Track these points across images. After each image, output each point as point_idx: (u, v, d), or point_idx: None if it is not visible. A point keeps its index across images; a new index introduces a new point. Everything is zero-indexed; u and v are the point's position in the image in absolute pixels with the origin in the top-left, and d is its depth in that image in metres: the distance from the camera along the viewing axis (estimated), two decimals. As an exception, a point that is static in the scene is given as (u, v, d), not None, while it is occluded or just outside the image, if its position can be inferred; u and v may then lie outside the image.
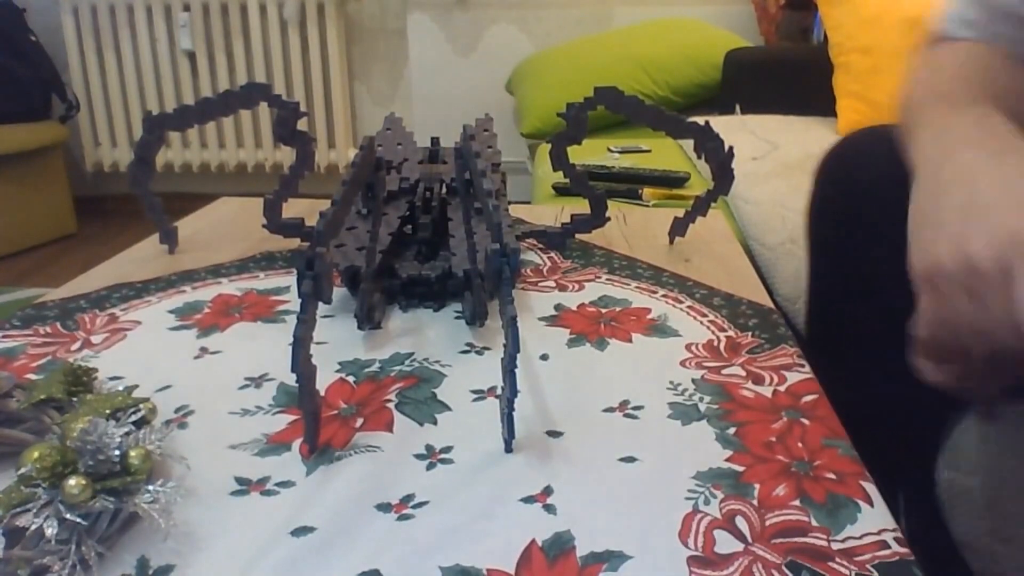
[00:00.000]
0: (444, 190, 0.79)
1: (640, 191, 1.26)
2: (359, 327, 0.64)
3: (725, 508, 0.42)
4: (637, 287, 0.72)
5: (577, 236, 0.85)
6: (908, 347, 0.47)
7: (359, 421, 0.51)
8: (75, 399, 0.47)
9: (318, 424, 0.48)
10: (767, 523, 0.41)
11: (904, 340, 0.48)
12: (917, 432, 0.61)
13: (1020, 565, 0.45)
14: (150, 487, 0.40)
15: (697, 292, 0.71)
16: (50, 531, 0.37)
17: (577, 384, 0.55)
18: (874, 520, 0.41)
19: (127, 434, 0.42)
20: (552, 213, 0.95)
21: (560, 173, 0.78)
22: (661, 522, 0.41)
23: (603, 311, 0.67)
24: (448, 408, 0.52)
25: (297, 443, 0.48)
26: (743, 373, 0.57)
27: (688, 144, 0.75)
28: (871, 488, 0.44)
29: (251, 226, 0.88)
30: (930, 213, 0.40)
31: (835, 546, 0.39)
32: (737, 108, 1.87)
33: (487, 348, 0.61)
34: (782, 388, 0.55)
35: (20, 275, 2.43)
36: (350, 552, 0.39)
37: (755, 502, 0.43)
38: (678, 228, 0.84)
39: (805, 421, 0.50)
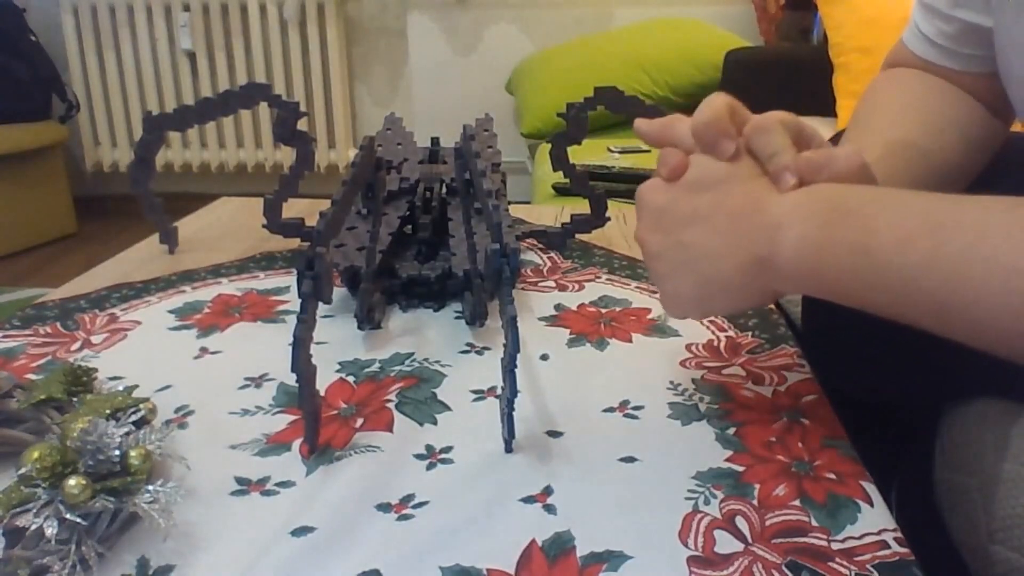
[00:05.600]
0: (444, 190, 0.79)
1: (640, 191, 1.25)
2: (359, 327, 0.64)
3: (725, 508, 0.42)
4: (637, 287, 0.72)
5: (577, 236, 0.85)
6: (904, 344, 0.48)
7: (359, 421, 0.51)
8: (75, 399, 0.47)
9: (318, 424, 0.48)
10: (767, 523, 0.41)
11: (899, 338, 0.48)
12: (913, 431, 0.61)
13: (1018, 566, 0.45)
14: (150, 487, 0.40)
15: (697, 292, 0.71)
16: (50, 531, 0.37)
17: (577, 384, 0.55)
18: (874, 520, 0.41)
19: (127, 434, 0.42)
20: (552, 213, 0.95)
21: (560, 173, 0.78)
22: (661, 522, 0.41)
23: (603, 311, 0.67)
24: (448, 408, 0.52)
25: (297, 443, 0.48)
26: (743, 373, 0.57)
27: (688, 144, 0.75)
28: (871, 488, 0.44)
29: (251, 226, 0.88)
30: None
31: (835, 546, 0.39)
32: (737, 108, 1.87)
33: (487, 348, 0.61)
34: (782, 388, 0.55)
35: (20, 275, 2.43)
36: (350, 552, 0.39)
37: (755, 502, 0.43)
38: (678, 228, 0.84)
39: (805, 421, 0.50)
